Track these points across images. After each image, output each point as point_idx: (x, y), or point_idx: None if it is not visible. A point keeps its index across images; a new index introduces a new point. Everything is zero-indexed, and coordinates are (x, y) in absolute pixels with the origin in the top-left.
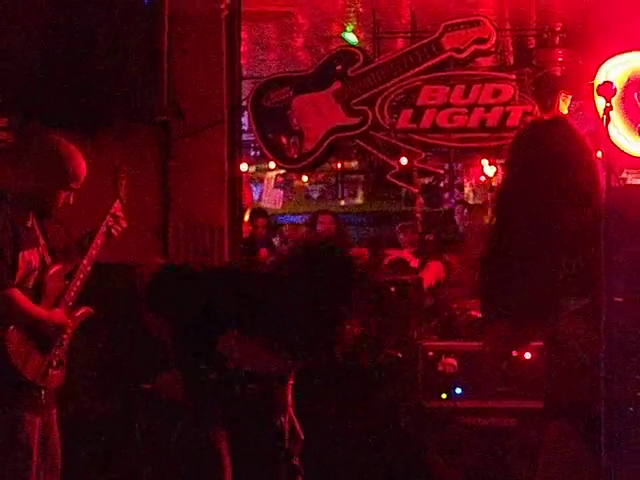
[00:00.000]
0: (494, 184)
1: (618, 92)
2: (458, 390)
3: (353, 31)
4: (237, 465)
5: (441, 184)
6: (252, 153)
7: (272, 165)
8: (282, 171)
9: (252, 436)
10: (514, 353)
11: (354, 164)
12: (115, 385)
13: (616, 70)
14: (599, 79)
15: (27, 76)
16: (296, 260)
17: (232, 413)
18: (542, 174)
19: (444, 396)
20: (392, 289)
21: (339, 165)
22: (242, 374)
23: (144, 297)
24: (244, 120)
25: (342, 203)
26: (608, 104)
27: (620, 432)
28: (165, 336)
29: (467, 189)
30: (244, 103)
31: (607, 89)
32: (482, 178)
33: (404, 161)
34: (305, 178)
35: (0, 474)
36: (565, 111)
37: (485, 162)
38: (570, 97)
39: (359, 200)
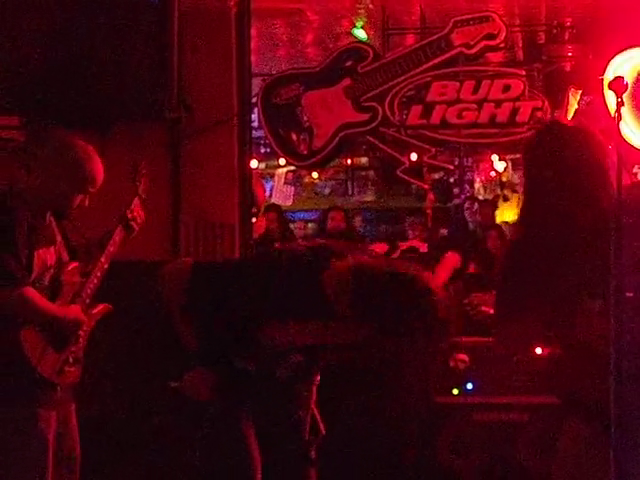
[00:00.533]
0: (504, 179)
1: (629, 87)
2: (469, 386)
3: (363, 27)
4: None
5: (451, 180)
6: (262, 150)
7: (282, 162)
8: (292, 168)
9: (271, 427)
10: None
11: (364, 160)
12: (139, 383)
13: (626, 65)
14: (609, 74)
15: (36, 75)
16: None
17: (258, 406)
18: (556, 175)
19: (455, 392)
20: None
21: (349, 161)
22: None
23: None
24: (254, 117)
25: (352, 199)
26: (619, 99)
27: (633, 433)
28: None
29: (477, 184)
30: (254, 100)
31: (618, 84)
32: (492, 173)
33: (414, 157)
34: (315, 174)
35: (16, 470)
36: (575, 106)
37: (495, 157)
38: (580, 92)
39: (369, 196)
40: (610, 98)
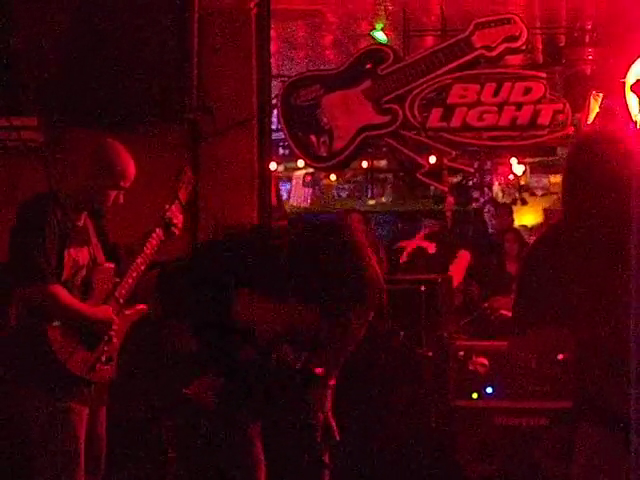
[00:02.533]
0: (523, 183)
1: None
2: (489, 390)
3: (382, 29)
4: (267, 456)
5: (470, 183)
6: (281, 152)
7: (301, 164)
8: (310, 170)
9: (284, 429)
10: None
11: (383, 163)
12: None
13: None
14: (630, 77)
15: (55, 75)
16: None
17: (267, 406)
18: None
19: (475, 396)
20: (422, 288)
21: (368, 164)
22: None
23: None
24: (274, 119)
25: (371, 202)
26: None
27: None
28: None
29: (496, 188)
30: (274, 101)
31: None
32: (511, 177)
33: (433, 159)
34: (333, 177)
35: (49, 463)
36: (596, 110)
37: (514, 161)
38: (601, 95)
39: (387, 199)
40: (632, 101)
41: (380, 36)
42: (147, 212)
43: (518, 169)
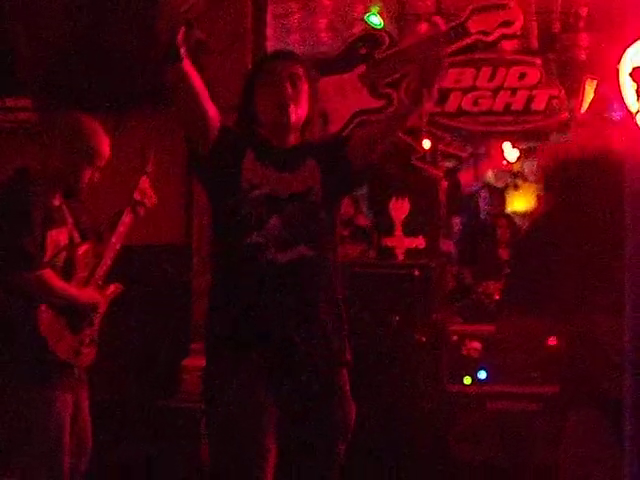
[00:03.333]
0: (517, 169)
1: None
2: (482, 374)
3: (378, 13)
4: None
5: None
6: None
7: None
8: None
9: (301, 421)
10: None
11: None
12: (147, 366)
13: None
14: (624, 63)
15: (51, 57)
16: None
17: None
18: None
19: (468, 380)
20: (416, 272)
21: None
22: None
23: None
24: None
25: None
26: None
27: None
28: None
29: (489, 173)
30: None
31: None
32: (504, 162)
33: (427, 144)
34: None
35: (33, 453)
36: (591, 96)
37: (507, 146)
38: (596, 81)
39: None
40: (627, 89)
41: (375, 20)
42: None
43: (511, 154)
